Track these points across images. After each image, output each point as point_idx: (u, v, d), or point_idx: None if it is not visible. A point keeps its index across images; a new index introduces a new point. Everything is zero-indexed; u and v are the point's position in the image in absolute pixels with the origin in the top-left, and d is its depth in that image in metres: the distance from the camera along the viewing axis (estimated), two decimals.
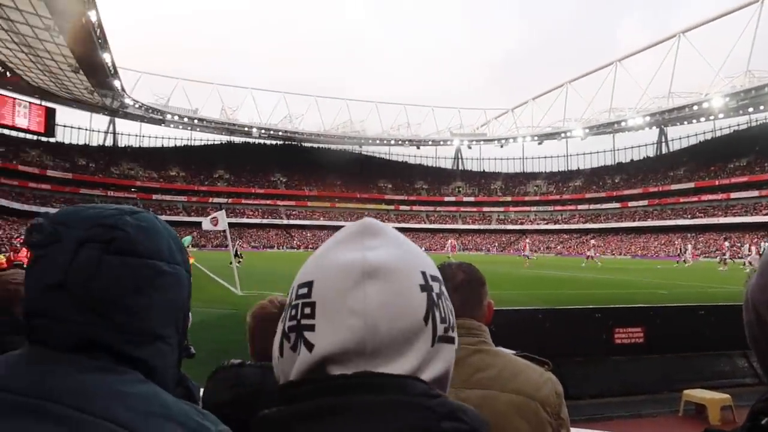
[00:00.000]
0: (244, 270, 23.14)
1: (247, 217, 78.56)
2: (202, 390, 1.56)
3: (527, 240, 47.62)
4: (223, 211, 16.66)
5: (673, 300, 14.20)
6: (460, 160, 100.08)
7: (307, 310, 0.61)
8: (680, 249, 46.19)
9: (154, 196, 75.87)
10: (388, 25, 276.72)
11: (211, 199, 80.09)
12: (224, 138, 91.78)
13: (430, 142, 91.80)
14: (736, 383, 7.45)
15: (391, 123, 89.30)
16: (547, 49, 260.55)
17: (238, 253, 32.34)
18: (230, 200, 79.45)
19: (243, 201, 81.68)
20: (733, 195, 62.62)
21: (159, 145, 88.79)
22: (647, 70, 70.63)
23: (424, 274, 0.63)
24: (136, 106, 70.26)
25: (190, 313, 0.79)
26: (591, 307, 8.76)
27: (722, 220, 60.93)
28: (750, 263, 33.09)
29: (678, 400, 6.69)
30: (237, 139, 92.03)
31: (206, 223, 15.75)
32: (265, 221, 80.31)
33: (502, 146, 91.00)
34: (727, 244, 37.95)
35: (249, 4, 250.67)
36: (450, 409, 0.57)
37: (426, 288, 0.62)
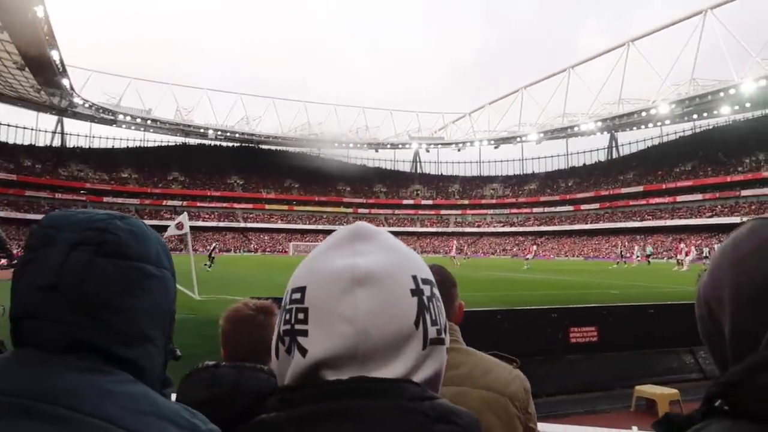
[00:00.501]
0: (201, 274, 22.69)
1: (203, 220, 77.07)
2: (173, 395, 1.56)
3: (454, 242, 48.74)
4: (185, 214, 16.53)
5: (624, 299, 14.68)
6: (418, 164, 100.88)
7: (301, 316, 0.62)
8: (621, 251, 47.42)
9: (105, 199, 73.45)
10: (347, 28, 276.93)
11: (165, 202, 78.24)
12: (179, 139, 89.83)
13: (388, 146, 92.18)
14: (684, 378, 7.79)
15: (350, 126, 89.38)
16: (507, 54, 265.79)
17: (212, 256, 31.97)
18: (185, 203, 77.66)
19: (198, 204, 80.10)
20: (679, 198, 65.35)
21: (110, 146, 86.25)
22: (599, 77, 72.91)
23: (415, 278, 0.64)
24: (86, 105, 68.07)
25: (174, 317, 0.80)
26: (547, 307, 8.99)
27: (669, 222, 63.46)
28: (680, 263, 34.84)
29: (630, 395, 6.95)
30: (192, 141, 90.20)
31: (171, 229, 15.57)
32: (221, 224, 78.99)
33: (459, 150, 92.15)
34: (682, 245, 39.43)
35: (205, 2, 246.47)
36: (442, 411, 0.58)
37: (417, 292, 0.63)
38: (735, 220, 53.57)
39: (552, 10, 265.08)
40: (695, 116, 68.63)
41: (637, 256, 43.93)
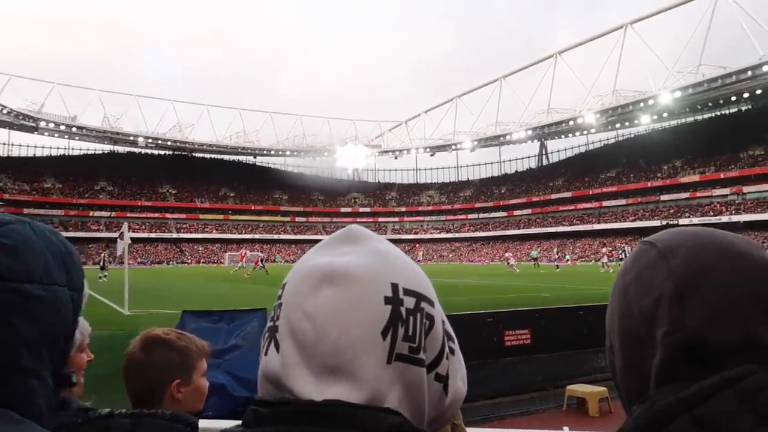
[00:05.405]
0: (132, 288, 21.80)
1: (133, 232, 73.68)
2: None
3: None
4: (126, 224, 16.50)
5: (554, 302, 15.21)
6: (356, 172, 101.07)
7: (278, 312, 0.61)
8: (507, 255, 47.58)
9: (26, 210, 69.13)
10: (278, 38, 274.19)
11: (92, 213, 74.72)
12: (107, 147, 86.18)
13: (325, 153, 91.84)
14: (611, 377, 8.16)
15: (286, 134, 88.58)
16: (443, 63, 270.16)
17: (105, 266, 31.52)
18: (113, 213, 74.54)
19: (128, 214, 76.62)
20: (605, 203, 68.61)
21: (31, 154, 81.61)
22: (529, 87, 75.57)
23: (395, 286, 0.59)
24: (4, 111, 64.26)
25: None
26: (483, 312, 9.20)
27: (596, 226, 66.46)
28: (605, 266, 36.88)
29: (562, 395, 7.22)
30: (121, 149, 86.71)
31: (120, 245, 15.26)
32: (153, 235, 76.05)
33: (396, 158, 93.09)
34: (604, 249, 41.42)
35: (133, 6, 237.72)
36: None
37: (392, 301, 0.58)
38: (655, 223, 56.73)
39: (495, 19, 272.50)
40: (618, 125, 72.53)
41: (511, 264, 41.67)
